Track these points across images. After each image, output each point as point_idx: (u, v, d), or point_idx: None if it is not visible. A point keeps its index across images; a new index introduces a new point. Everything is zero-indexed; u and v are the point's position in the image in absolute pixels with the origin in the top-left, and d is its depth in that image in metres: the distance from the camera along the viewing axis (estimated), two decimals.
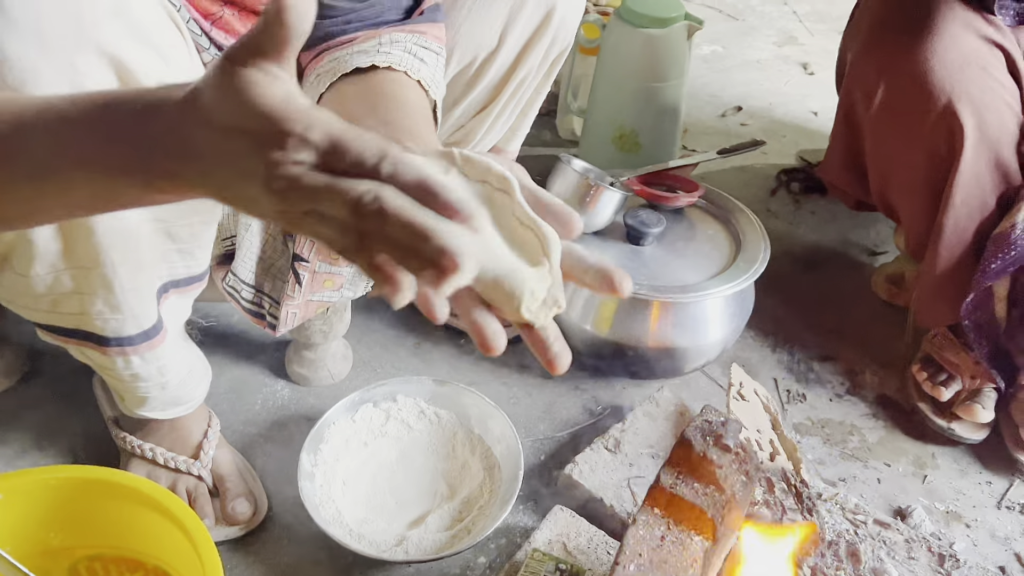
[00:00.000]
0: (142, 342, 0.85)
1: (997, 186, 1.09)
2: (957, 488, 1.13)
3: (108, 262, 0.76)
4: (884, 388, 1.25)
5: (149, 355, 0.87)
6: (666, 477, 0.74)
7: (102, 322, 0.82)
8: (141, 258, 0.79)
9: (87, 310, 0.80)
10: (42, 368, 1.17)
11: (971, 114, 1.03)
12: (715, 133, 1.78)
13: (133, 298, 0.81)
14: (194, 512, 0.75)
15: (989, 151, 1.06)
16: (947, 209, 1.09)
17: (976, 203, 1.09)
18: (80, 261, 0.75)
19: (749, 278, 1.15)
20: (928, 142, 1.08)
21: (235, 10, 0.81)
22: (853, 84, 1.17)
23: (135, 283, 0.80)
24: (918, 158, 1.11)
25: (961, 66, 1.01)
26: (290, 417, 1.14)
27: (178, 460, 1.00)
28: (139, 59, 0.67)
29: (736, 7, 2.30)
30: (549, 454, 1.12)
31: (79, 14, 0.62)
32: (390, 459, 1.06)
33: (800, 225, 1.54)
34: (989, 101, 1.03)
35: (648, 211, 1.20)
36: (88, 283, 0.78)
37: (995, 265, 1.07)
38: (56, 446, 1.08)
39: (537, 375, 1.22)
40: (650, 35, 1.41)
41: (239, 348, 1.22)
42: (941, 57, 1.01)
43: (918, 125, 1.08)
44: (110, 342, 0.84)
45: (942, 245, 1.12)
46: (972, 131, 1.04)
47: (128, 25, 0.65)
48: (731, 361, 1.22)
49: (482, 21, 0.90)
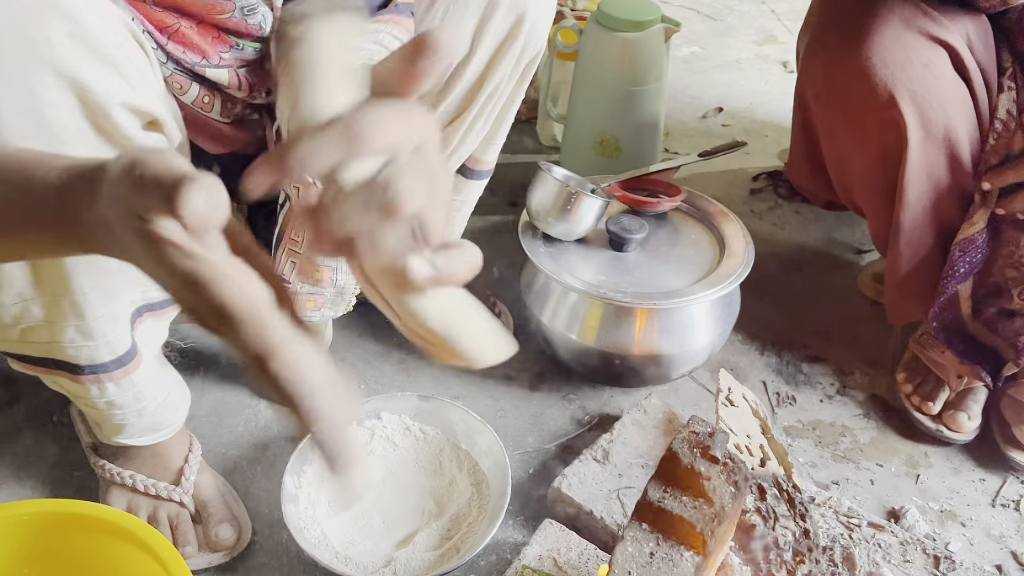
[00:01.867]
0: (116, 368, 0.84)
1: (954, 182, 1.09)
2: (951, 487, 1.12)
3: (78, 288, 0.74)
4: (874, 388, 1.24)
5: (124, 382, 0.85)
6: (654, 491, 0.72)
7: (74, 350, 0.80)
8: (113, 283, 0.77)
9: (58, 338, 0.78)
10: (19, 395, 1.14)
11: (913, 111, 1.04)
12: (697, 135, 1.77)
13: (106, 324, 0.79)
14: (173, 545, 0.74)
15: (937, 147, 1.07)
16: (902, 206, 1.10)
17: (931, 199, 1.10)
18: (49, 289, 0.74)
19: (734, 282, 1.13)
20: (878, 140, 1.09)
21: (192, 22, 0.79)
22: (803, 84, 1.19)
23: (107, 309, 0.78)
24: (871, 156, 1.11)
25: (903, 64, 1.02)
26: (273, 438, 1.12)
27: (159, 487, 0.98)
28: (100, 80, 0.65)
29: (714, 7, 2.30)
30: (538, 467, 1.11)
31: (33, 37, 0.60)
32: (376, 478, 1.05)
33: (784, 226, 1.53)
34: (932, 98, 1.04)
35: (630, 217, 1.19)
36: (58, 311, 0.76)
37: (962, 269, 1.09)
38: (34, 477, 1.05)
39: (524, 387, 1.21)
40: (627, 39, 1.40)
41: (219, 369, 1.20)
42: (882, 55, 1.02)
43: (866, 123, 1.08)
44: (83, 370, 0.82)
45: (902, 242, 1.13)
46: (915, 128, 1.05)
47: (87, 46, 0.64)
48: (719, 366, 1.21)
49: (454, 28, 0.89)
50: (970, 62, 1.06)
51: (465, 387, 1.20)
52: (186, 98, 0.82)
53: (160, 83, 0.77)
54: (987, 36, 1.10)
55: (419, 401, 1.09)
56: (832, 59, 1.08)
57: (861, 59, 1.04)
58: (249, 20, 0.81)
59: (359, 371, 1.21)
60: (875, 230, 1.20)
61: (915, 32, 1.03)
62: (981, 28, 1.09)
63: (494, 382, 1.21)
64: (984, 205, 1.09)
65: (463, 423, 1.07)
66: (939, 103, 1.05)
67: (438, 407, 1.09)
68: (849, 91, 1.07)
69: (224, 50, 0.82)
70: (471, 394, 1.19)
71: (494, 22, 0.90)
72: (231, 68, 0.83)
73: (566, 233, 1.17)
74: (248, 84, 0.85)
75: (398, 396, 1.10)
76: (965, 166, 1.09)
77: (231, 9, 0.79)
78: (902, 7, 1.03)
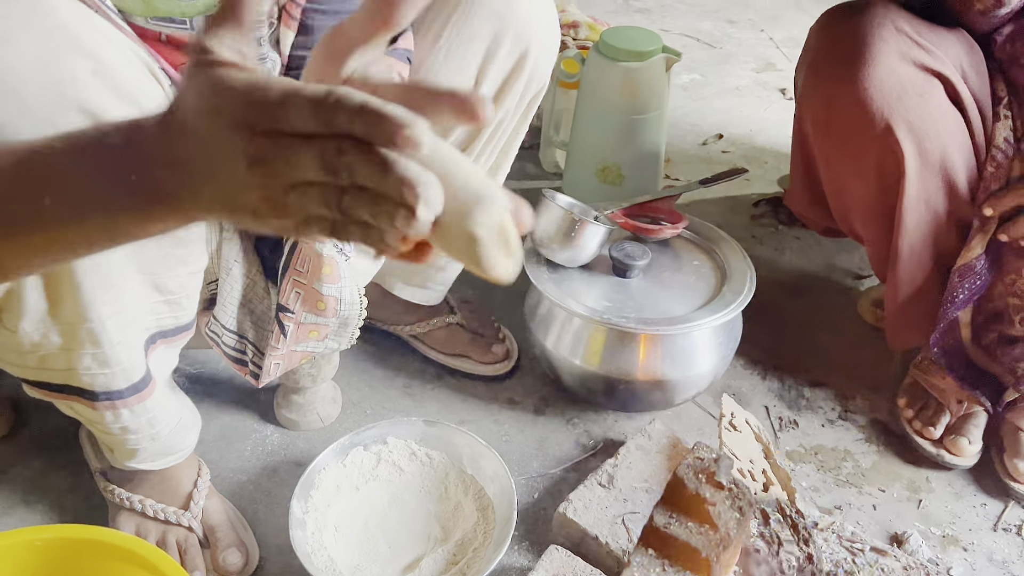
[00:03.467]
0: (131, 395, 0.85)
1: (951, 210, 1.11)
2: (953, 511, 1.12)
3: (95, 316, 0.76)
4: (875, 412, 1.25)
5: (138, 408, 0.87)
6: (659, 517, 0.73)
7: (90, 377, 0.81)
8: (129, 311, 0.79)
9: (75, 366, 0.80)
10: (28, 421, 1.15)
11: (910, 140, 1.06)
12: (697, 161, 1.80)
13: (122, 351, 0.80)
14: (183, 569, 0.74)
15: (934, 175, 1.09)
16: (901, 233, 1.12)
17: (930, 227, 1.12)
18: (67, 317, 0.75)
19: (736, 308, 1.15)
20: (876, 169, 1.11)
21: None
22: (802, 114, 1.21)
23: (123, 336, 0.79)
24: (869, 185, 1.13)
25: (899, 95, 1.05)
26: (280, 463, 1.13)
27: (167, 511, 0.99)
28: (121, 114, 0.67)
29: (713, 35, 2.33)
30: (543, 491, 1.11)
31: (60, 76, 0.62)
32: (382, 503, 1.05)
33: (785, 251, 1.54)
34: (928, 127, 1.06)
35: (633, 244, 1.21)
36: (76, 338, 0.77)
37: (961, 296, 1.10)
38: (43, 501, 1.06)
39: (529, 411, 1.22)
40: (629, 69, 1.42)
41: (227, 394, 1.21)
42: (879, 86, 1.05)
43: (864, 152, 1.11)
44: (99, 396, 0.83)
45: (900, 269, 1.14)
46: (912, 156, 1.07)
47: (109, 83, 0.66)
48: (722, 391, 1.22)
49: (458, 65, 0.91)
50: (964, 92, 1.08)
51: (470, 412, 1.21)
52: None
53: None
54: (981, 66, 1.12)
55: (425, 426, 1.10)
56: (830, 90, 1.11)
57: (858, 90, 1.06)
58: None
59: (364, 396, 1.23)
60: (874, 257, 1.22)
61: (909, 63, 1.05)
62: (975, 59, 1.11)
63: (499, 406, 1.22)
64: (982, 231, 1.11)
65: (469, 448, 1.08)
66: (935, 132, 1.07)
67: (444, 432, 1.10)
68: (847, 121, 1.10)
69: None
70: (476, 418, 1.20)
71: (498, 58, 0.92)
72: None
73: (570, 260, 1.19)
74: None
75: (404, 421, 1.11)
76: (962, 194, 1.11)
77: None
78: (896, 39, 1.06)
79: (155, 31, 0.77)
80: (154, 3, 0.75)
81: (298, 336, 0.93)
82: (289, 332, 0.91)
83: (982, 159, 1.12)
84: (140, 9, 0.75)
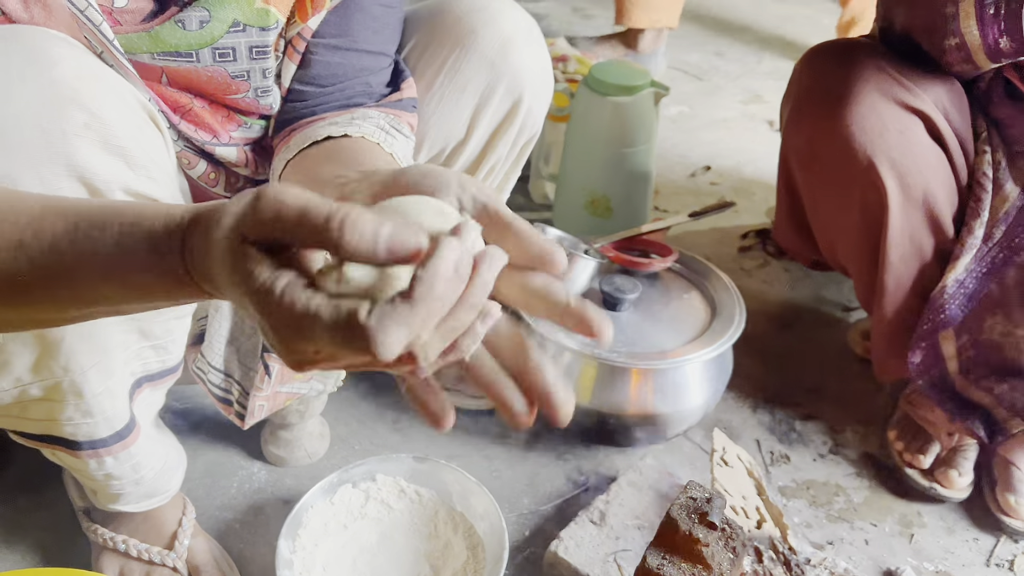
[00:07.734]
0: (115, 443, 0.83)
1: (934, 243, 1.13)
2: (945, 547, 1.12)
3: (77, 368, 0.74)
4: (866, 445, 1.25)
5: (123, 455, 0.85)
6: (652, 558, 0.72)
7: (72, 427, 0.79)
8: (112, 360, 0.77)
9: (56, 416, 0.78)
10: (12, 459, 1.13)
11: (892, 176, 1.08)
12: (686, 193, 1.80)
13: (105, 400, 0.79)
14: None
15: (917, 210, 1.10)
16: (885, 267, 1.13)
17: (914, 261, 1.13)
18: (48, 370, 0.73)
19: (727, 341, 1.15)
20: (859, 204, 1.12)
21: (205, 102, 0.81)
22: (787, 150, 1.23)
23: (106, 385, 0.78)
24: (854, 219, 1.14)
25: (880, 131, 1.07)
26: (267, 500, 1.11)
27: (152, 552, 0.97)
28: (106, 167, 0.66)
29: (700, 67, 2.35)
30: (534, 529, 1.10)
31: (49, 129, 0.61)
32: (371, 541, 1.04)
33: (774, 283, 1.55)
34: (910, 163, 1.08)
35: (623, 277, 1.21)
36: (57, 391, 0.75)
37: (927, 327, 1.12)
38: (25, 541, 1.04)
39: (520, 446, 1.21)
40: (617, 103, 1.43)
41: (213, 430, 1.19)
42: (860, 123, 1.07)
43: (848, 188, 1.12)
44: (82, 446, 0.81)
45: (886, 301, 1.15)
46: (895, 192, 1.08)
47: (100, 136, 0.64)
48: (713, 424, 1.21)
49: (451, 111, 0.91)
50: (945, 128, 1.10)
51: (460, 447, 1.20)
52: (193, 173, 0.84)
53: (172, 160, 0.78)
54: (962, 103, 1.13)
55: (414, 462, 1.09)
56: (813, 127, 1.12)
57: (841, 127, 1.07)
58: (262, 101, 0.83)
59: (353, 431, 1.21)
60: (860, 290, 1.22)
61: (890, 101, 1.07)
62: (956, 96, 1.13)
63: (488, 441, 1.21)
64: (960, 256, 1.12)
65: (458, 484, 1.07)
66: (917, 168, 1.08)
67: (433, 468, 1.09)
68: (830, 157, 1.11)
69: (233, 128, 0.84)
70: (466, 453, 1.19)
71: (491, 106, 0.91)
72: (239, 146, 0.85)
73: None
74: (255, 162, 0.87)
75: (393, 458, 1.10)
76: (945, 227, 1.12)
77: (245, 90, 0.81)
78: (878, 78, 1.08)
79: (158, 68, 0.77)
80: (162, 38, 0.75)
81: (283, 377, 0.92)
82: (274, 373, 0.90)
83: (963, 193, 1.13)
84: (147, 45, 0.75)
